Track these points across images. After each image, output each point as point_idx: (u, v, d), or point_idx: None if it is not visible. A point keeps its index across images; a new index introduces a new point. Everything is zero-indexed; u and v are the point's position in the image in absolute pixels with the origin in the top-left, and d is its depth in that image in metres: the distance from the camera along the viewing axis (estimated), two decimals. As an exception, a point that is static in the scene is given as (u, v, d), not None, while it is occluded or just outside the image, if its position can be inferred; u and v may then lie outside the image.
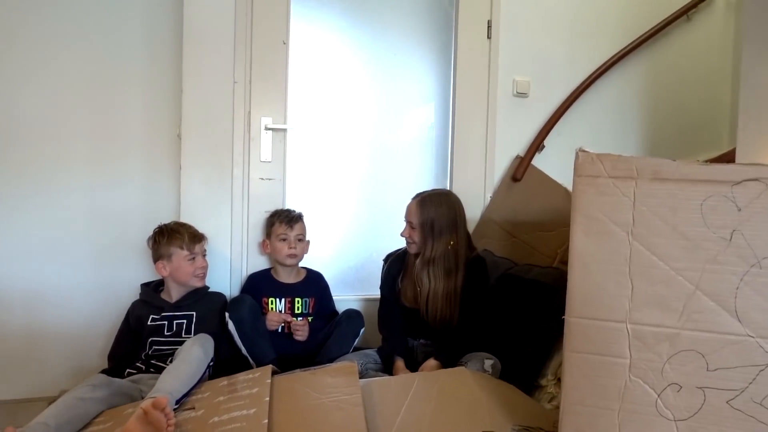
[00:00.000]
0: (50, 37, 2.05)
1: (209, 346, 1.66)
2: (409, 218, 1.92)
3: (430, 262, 1.88)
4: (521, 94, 2.53)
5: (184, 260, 1.89)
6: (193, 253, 1.90)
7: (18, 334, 2.06)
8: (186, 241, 1.89)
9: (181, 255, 1.88)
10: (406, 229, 1.94)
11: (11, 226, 2.04)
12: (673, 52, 2.76)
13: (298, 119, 2.28)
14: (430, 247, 1.87)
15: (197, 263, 1.91)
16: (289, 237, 2.08)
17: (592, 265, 1.09)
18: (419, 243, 1.90)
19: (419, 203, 1.91)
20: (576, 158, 1.10)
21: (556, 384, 1.77)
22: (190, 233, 1.92)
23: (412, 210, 1.92)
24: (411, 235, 1.92)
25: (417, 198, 1.94)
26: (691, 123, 2.78)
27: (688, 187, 1.03)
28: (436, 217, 1.87)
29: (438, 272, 1.88)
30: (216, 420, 1.32)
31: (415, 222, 1.90)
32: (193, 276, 1.90)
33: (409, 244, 1.94)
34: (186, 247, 1.88)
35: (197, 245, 1.91)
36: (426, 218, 1.87)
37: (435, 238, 1.87)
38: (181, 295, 1.92)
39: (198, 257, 1.91)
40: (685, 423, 1.04)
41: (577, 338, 1.10)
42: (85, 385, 1.46)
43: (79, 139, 2.10)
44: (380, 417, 1.35)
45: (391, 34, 2.44)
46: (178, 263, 1.89)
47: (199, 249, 1.92)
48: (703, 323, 1.03)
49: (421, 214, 1.88)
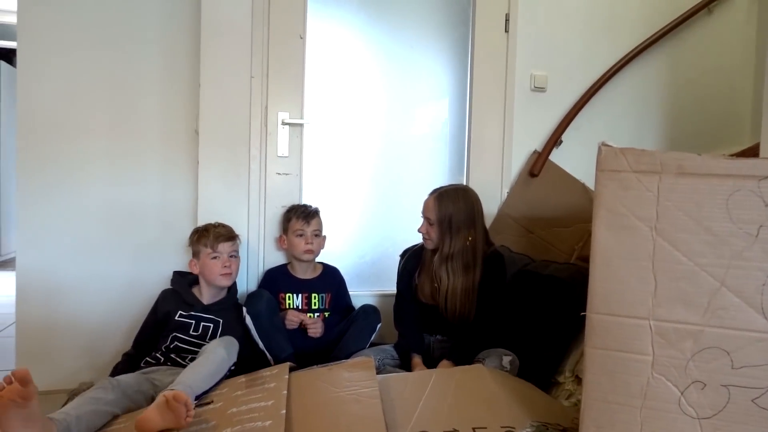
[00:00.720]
0: (69, 32, 2.07)
1: (233, 350, 1.67)
2: (427, 214, 1.91)
3: (448, 258, 1.87)
4: (539, 88, 2.50)
5: (209, 258, 1.90)
6: (216, 252, 1.91)
7: (38, 326, 2.09)
8: (210, 239, 1.91)
9: (206, 253, 1.91)
10: (424, 225, 1.93)
11: (32, 220, 2.07)
12: (693, 46, 2.72)
13: (314, 114, 2.28)
14: (448, 243, 1.86)
15: (221, 262, 1.91)
16: (306, 232, 2.08)
17: (615, 261, 1.07)
18: (437, 239, 1.89)
19: (437, 199, 1.89)
20: (599, 152, 1.08)
21: (574, 381, 1.75)
22: (216, 232, 1.93)
23: (430, 206, 1.90)
24: (428, 231, 1.91)
25: (434, 193, 1.93)
26: (712, 117, 2.74)
27: (713, 182, 1.01)
28: (454, 212, 1.86)
29: (456, 268, 1.87)
30: (234, 410, 1.33)
31: (432, 218, 1.88)
32: (218, 275, 1.90)
33: (426, 240, 1.93)
34: (210, 245, 1.90)
35: (221, 245, 1.91)
36: (444, 214, 1.86)
37: (453, 233, 1.86)
38: (212, 298, 1.94)
39: (222, 256, 1.91)
40: (708, 421, 1.02)
41: (598, 335, 1.09)
42: (97, 387, 1.48)
43: (97, 134, 2.11)
44: (398, 411, 1.35)
45: (408, 28, 2.42)
46: (204, 261, 1.91)
47: (223, 249, 1.92)
48: (728, 320, 1.01)
49: (439, 210, 1.87)
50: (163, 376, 1.69)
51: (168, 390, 1.34)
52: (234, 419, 1.28)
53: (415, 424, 1.29)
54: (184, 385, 1.40)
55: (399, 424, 1.29)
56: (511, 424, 1.28)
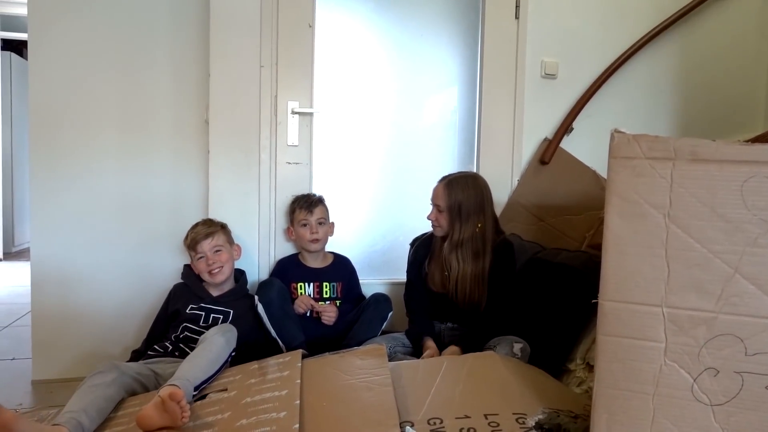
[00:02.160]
0: (80, 25, 2.08)
1: (231, 336, 1.68)
2: (436, 201, 1.91)
3: (458, 245, 1.87)
4: (549, 75, 2.48)
5: (196, 260, 1.93)
6: (199, 253, 1.91)
7: (53, 315, 2.12)
8: (189, 242, 1.94)
9: (192, 255, 1.94)
10: (433, 212, 1.93)
11: (46, 211, 2.09)
12: (706, 31, 2.67)
13: (323, 103, 2.28)
14: (457, 230, 1.86)
15: (206, 261, 1.91)
16: (310, 222, 2.08)
17: (627, 248, 1.07)
18: (447, 226, 1.89)
19: (446, 186, 1.89)
20: (611, 139, 1.08)
21: (585, 368, 1.76)
22: (193, 235, 1.94)
23: (439, 193, 1.90)
24: (437, 218, 1.91)
25: (444, 181, 1.93)
26: (725, 104, 2.70)
27: (727, 168, 1.00)
28: (463, 199, 1.86)
29: (466, 255, 1.87)
30: (248, 401, 1.34)
31: (442, 205, 1.88)
32: (206, 273, 1.92)
33: (435, 228, 1.94)
34: (192, 247, 1.93)
35: (199, 245, 1.91)
36: (453, 201, 1.86)
37: (463, 220, 1.86)
38: (221, 290, 1.96)
39: (206, 255, 1.91)
40: (721, 408, 1.02)
41: (611, 322, 1.09)
42: (95, 373, 1.49)
43: (109, 126, 2.13)
44: (410, 398, 1.35)
45: (417, 16, 2.41)
46: (194, 263, 1.95)
47: (203, 248, 1.91)
48: (742, 307, 1.01)
49: (449, 197, 1.87)
50: (164, 366, 1.71)
51: (166, 386, 1.35)
52: (249, 410, 1.30)
53: (427, 410, 1.30)
54: (182, 379, 1.40)
55: (411, 410, 1.30)
56: (523, 411, 1.29)
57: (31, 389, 2.06)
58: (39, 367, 2.12)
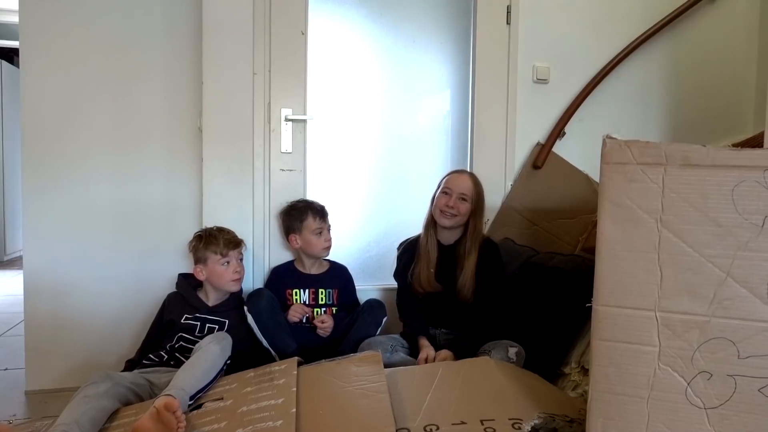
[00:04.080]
0: (71, 31, 2.07)
1: (226, 344, 1.67)
2: (463, 190, 1.94)
3: (472, 235, 1.95)
4: (541, 80, 2.50)
5: (218, 264, 1.91)
6: (227, 257, 1.91)
7: (47, 324, 2.11)
8: (221, 246, 1.91)
9: (215, 259, 1.91)
10: (452, 199, 1.93)
11: (38, 219, 2.08)
12: (696, 35, 2.70)
13: (317, 110, 2.28)
14: (475, 221, 1.95)
15: (231, 267, 1.92)
16: (324, 230, 2.09)
17: (621, 253, 1.08)
18: (466, 216, 1.94)
19: (471, 177, 2.00)
20: (603, 145, 1.09)
21: (580, 372, 1.76)
22: (226, 239, 1.94)
23: (467, 182, 1.96)
24: (458, 207, 1.93)
25: (465, 173, 2.03)
26: (715, 107, 2.73)
27: (718, 173, 1.02)
28: (482, 194, 1.97)
29: (474, 247, 1.94)
30: (245, 409, 1.34)
31: (469, 194, 1.94)
32: (228, 281, 1.91)
33: (451, 217, 1.94)
34: (220, 251, 1.91)
35: (232, 251, 1.92)
36: (479, 193, 1.96)
37: (479, 213, 1.96)
38: (217, 301, 1.95)
39: (233, 261, 1.92)
40: (715, 411, 1.03)
41: (605, 326, 1.09)
42: (88, 384, 1.49)
43: (101, 133, 2.12)
44: (406, 404, 1.36)
45: (409, 22, 2.42)
46: (212, 267, 1.91)
47: (234, 254, 1.93)
48: (734, 311, 1.02)
49: (476, 188, 1.96)
50: (159, 376, 1.70)
51: (161, 396, 1.35)
52: (245, 419, 1.29)
53: (424, 417, 1.30)
54: (177, 389, 1.40)
55: (408, 417, 1.30)
56: (519, 416, 1.29)
57: (24, 399, 2.04)
58: (32, 378, 2.10)
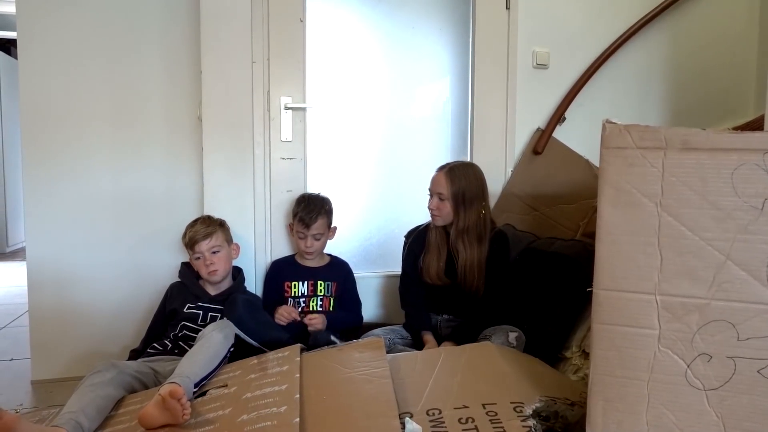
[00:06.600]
0: (69, 22, 2.06)
1: (230, 332, 1.67)
2: (438, 189, 1.92)
3: (463, 231, 1.90)
4: (541, 65, 2.48)
5: (193, 259, 1.93)
6: (197, 253, 1.90)
7: (51, 314, 2.12)
8: (187, 242, 1.92)
9: (190, 254, 1.93)
10: (433, 201, 1.93)
11: (40, 210, 2.09)
12: (696, 19, 2.68)
13: (316, 98, 2.28)
14: (462, 217, 1.89)
15: (202, 262, 1.90)
16: (307, 236, 2.06)
17: (621, 237, 1.08)
18: (449, 214, 1.91)
19: (448, 174, 1.91)
20: (603, 130, 1.09)
21: (581, 356, 1.78)
22: (191, 234, 1.91)
23: (441, 181, 1.91)
24: (439, 207, 1.92)
25: (444, 169, 1.94)
26: (715, 90, 2.72)
27: (718, 156, 1.02)
28: (466, 186, 1.89)
29: (472, 241, 1.91)
30: (249, 396, 1.35)
31: (444, 193, 1.90)
32: (206, 274, 1.91)
33: (435, 217, 1.94)
34: (189, 247, 1.92)
35: (197, 245, 1.89)
36: (457, 188, 1.89)
37: (467, 207, 1.89)
38: (218, 289, 1.95)
39: (205, 255, 1.89)
40: (715, 392, 1.04)
41: (605, 310, 1.10)
42: (93, 372, 1.49)
43: (101, 124, 2.13)
44: (408, 390, 1.37)
45: (408, 8, 2.40)
46: (191, 262, 1.95)
47: (203, 247, 1.89)
48: (734, 293, 1.03)
49: (452, 185, 1.89)
50: (164, 364, 1.71)
51: (166, 384, 1.35)
52: (249, 405, 1.30)
53: (426, 401, 1.32)
54: (181, 376, 1.40)
55: (410, 402, 1.31)
56: (521, 400, 1.30)
57: (30, 389, 2.06)
58: (38, 368, 2.12)
